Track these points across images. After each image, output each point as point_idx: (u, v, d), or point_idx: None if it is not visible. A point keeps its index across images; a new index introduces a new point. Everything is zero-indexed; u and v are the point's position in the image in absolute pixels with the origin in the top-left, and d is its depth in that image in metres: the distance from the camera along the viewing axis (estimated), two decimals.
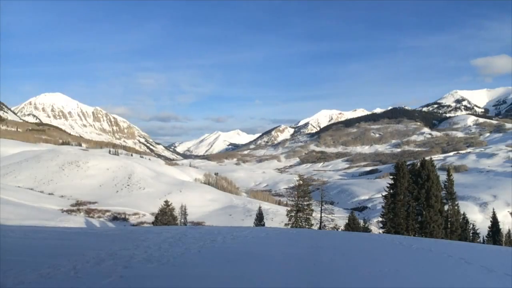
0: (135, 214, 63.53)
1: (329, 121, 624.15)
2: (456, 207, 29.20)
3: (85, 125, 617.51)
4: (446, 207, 28.35)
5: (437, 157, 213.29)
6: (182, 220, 44.83)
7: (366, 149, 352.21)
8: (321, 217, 28.71)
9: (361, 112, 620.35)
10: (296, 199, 28.68)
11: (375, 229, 44.81)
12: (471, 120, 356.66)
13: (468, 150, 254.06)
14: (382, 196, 29.24)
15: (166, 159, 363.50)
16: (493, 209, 45.94)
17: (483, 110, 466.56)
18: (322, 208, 28.80)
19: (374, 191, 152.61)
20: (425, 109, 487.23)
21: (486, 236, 40.41)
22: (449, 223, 28.24)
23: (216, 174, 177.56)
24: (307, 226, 27.87)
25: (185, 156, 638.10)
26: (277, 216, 64.90)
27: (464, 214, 35.98)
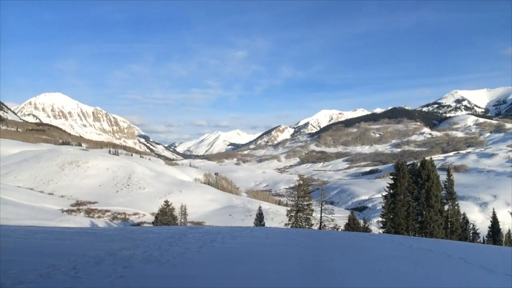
0: (135, 214, 63.54)
1: (329, 121, 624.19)
2: (456, 207, 29.19)
3: (85, 125, 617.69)
4: (446, 207, 28.34)
5: (437, 157, 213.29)
6: (182, 220, 44.83)
7: (366, 149, 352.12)
8: (321, 217, 28.71)
9: (361, 112, 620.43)
10: (296, 199, 28.68)
11: (375, 229, 44.79)
12: (471, 120, 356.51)
13: (468, 150, 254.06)
14: (382, 196, 29.24)
15: (166, 159, 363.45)
16: (493, 209, 45.93)
17: (483, 110, 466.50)
18: (322, 208, 28.80)
19: (374, 191, 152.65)
20: (425, 109, 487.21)
21: (486, 236, 40.42)
22: (449, 223, 28.23)
23: (216, 174, 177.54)
24: (307, 226, 27.87)
25: (185, 156, 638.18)
26: (277, 216, 64.91)
27: (464, 214, 35.99)
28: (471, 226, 37.45)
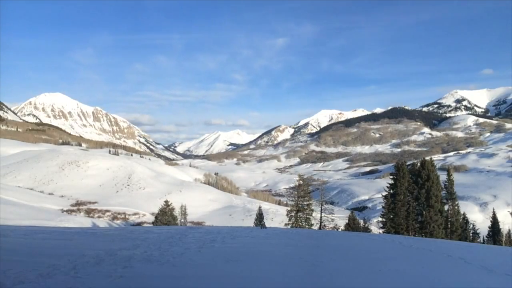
0: (135, 214, 63.53)
1: (329, 121, 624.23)
2: (456, 207, 29.19)
3: (85, 125, 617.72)
4: (446, 207, 28.34)
5: (437, 157, 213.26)
6: (182, 220, 44.82)
7: (366, 149, 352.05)
8: (321, 217, 28.71)
9: (361, 112, 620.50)
10: (296, 199, 28.67)
11: (375, 229, 44.81)
12: (471, 120, 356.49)
13: (468, 150, 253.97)
14: (382, 196, 29.24)
15: (166, 159, 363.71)
16: (493, 209, 45.94)
17: (483, 110, 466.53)
18: (322, 208, 28.79)
19: (374, 191, 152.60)
20: (425, 109, 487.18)
21: (486, 236, 40.43)
22: (449, 223, 28.23)
23: (216, 174, 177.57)
24: (307, 226, 27.87)
25: (185, 156, 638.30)
26: (277, 216, 64.91)
27: (464, 214, 35.98)
28: (471, 226, 37.43)
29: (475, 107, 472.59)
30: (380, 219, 28.76)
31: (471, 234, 36.58)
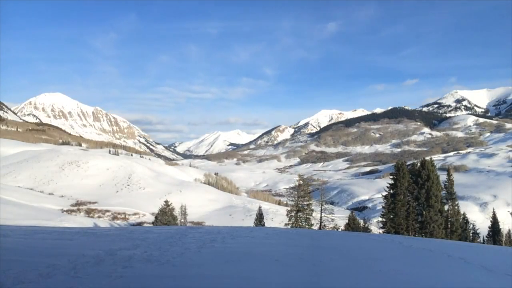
0: (135, 214, 63.55)
1: (329, 121, 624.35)
2: (456, 207, 29.20)
3: (85, 125, 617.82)
4: (446, 207, 28.35)
5: (437, 157, 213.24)
6: (182, 220, 44.82)
7: (366, 149, 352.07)
8: (321, 217, 28.71)
9: (361, 112, 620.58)
10: (296, 199, 28.68)
11: (375, 229, 44.81)
12: (471, 120, 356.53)
13: (468, 150, 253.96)
14: (382, 196, 29.24)
15: (166, 159, 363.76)
16: (493, 209, 45.96)
17: (483, 110, 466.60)
18: (322, 208, 28.79)
19: (374, 191, 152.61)
20: (425, 109, 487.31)
21: (486, 236, 40.45)
22: (449, 223, 28.24)
23: (216, 174, 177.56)
24: (307, 226, 27.87)
25: (185, 156, 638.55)
26: (277, 216, 64.93)
27: (464, 214, 35.98)
28: (471, 226, 37.45)
29: (475, 107, 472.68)
30: (380, 219, 28.77)
31: (471, 234, 36.59)
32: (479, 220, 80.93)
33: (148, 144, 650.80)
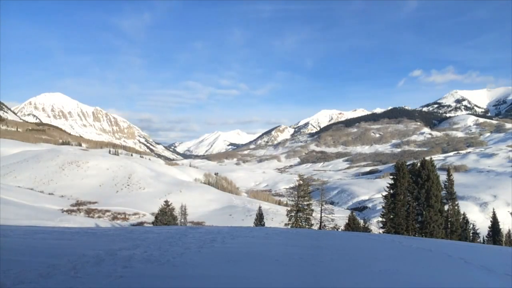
0: (135, 214, 63.53)
1: (329, 121, 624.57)
2: (456, 207, 29.20)
3: (85, 125, 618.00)
4: (446, 207, 28.34)
5: (437, 157, 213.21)
6: (182, 220, 44.81)
7: (366, 149, 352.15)
8: (321, 217, 28.71)
9: (361, 112, 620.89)
10: (296, 199, 28.67)
11: (375, 229, 44.82)
12: (471, 120, 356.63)
13: (468, 150, 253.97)
14: (382, 196, 29.24)
15: (166, 159, 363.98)
16: (493, 209, 45.95)
17: (483, 110, 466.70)
18: (322, 208, 28.80)
19: (374, 191, 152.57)
20: (425, 109, 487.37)
21: (486, 236, 40.45)
22: (449, 223, 28.24)
23: (216, 174, 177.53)
24: (307, 226, 27.87)
25: (185, 156, 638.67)
26: (277, 216, 64.90)
27: (464, 214, 35.99)
28: (471, 226, 37.44)
29: (475, 107, 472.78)
30: (380, 219, 28.76)
31: (471, 234, 36.59)
32: (479, 220, 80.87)
33: (148, 144, 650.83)
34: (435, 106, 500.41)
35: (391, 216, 26.99)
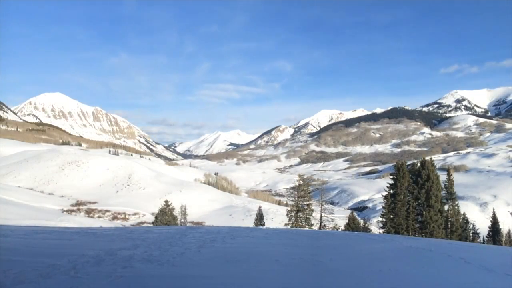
0: (135, 214, 63.54)
1: (329, 121, 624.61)
2: (456, 207, 29.19)
3: (85, 125, 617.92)
4: (446, 207, 28.34)
5: (437, 157, 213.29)
6: (182, 220, 44.83)
7: (366, 149, 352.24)
8: (321, 217, 28.72)
9: (361, 112, 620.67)
10: (296, 199, 28.68)
11: (375, 229, 44.84)
12: (471, 120, 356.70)
13: (468, 150, 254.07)
14: (382, 196, 29.24)
15: (166, 159, 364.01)
16: (493, 209, 45.99)
17: (483, 110, 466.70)
18: (322, 208, 28.81)
19: (374, 191, 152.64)
20: (425, 109, 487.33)
21: (486, 236, 40.48)
22: (449, 223, 28.23)
23: (216, 174, 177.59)
24: (307, 226, 27.88)
25: (185, 156, 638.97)
26: (277, 216, 64.90)
27: (464, 214, 36.01)
28: (471, 226, 37.47)
29: (475, 107, 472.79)
30: (380, 219, 28.76)
31: (471, 234, 36.61)
32: (479, 220, 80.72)
33: (148, 144, 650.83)
34: (435, 106, 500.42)
35: (391, 216, 26.99)
